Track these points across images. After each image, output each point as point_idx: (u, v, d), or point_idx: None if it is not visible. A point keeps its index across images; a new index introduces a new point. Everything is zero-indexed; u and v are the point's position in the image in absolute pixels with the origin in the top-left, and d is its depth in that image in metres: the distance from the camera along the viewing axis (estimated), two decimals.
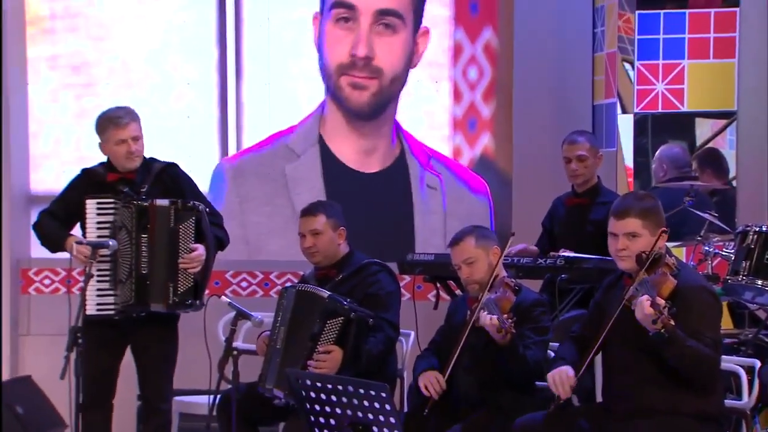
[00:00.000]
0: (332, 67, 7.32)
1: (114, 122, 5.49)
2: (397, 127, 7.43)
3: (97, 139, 5.57)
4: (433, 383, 4.99)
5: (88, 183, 5.57)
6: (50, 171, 7.53)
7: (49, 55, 7.61)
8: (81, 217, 5.49)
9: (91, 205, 5.44)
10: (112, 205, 5.43)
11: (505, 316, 4.79)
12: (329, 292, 5.27)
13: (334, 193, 7.23)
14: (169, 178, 5.59)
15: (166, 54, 7.54)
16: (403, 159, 7.40)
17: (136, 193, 5.45)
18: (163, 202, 5.43)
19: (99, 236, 5.40)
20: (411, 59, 7.35)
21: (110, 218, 5.42)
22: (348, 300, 5.24)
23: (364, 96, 7.33)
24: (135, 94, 7.26)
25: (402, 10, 7.27)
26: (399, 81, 7.35)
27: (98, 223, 5.43)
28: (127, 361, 5.63)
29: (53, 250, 5.61)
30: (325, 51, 7.36)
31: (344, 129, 7.44)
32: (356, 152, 7.45)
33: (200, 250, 5.41)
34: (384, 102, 7.37)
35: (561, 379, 4.58)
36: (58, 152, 7.58)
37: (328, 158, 7.43)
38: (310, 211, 5.57)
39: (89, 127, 5.71)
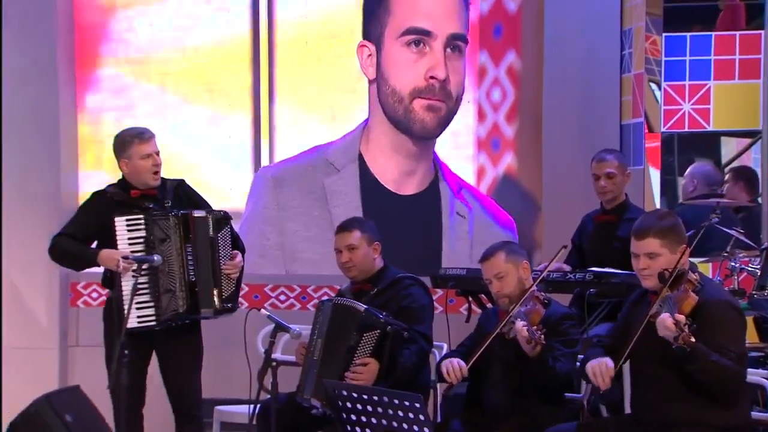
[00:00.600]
0: (405, 90, 7.23)
1: (139, 137, 5.53)
2: (434, 154, 7.43)
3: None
4: (455, 369, 4.99)
5: (106, 203, 5.55)
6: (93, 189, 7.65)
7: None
8: (103, 236, 5.47)
9: (120, 223, 5.43)
10: (142, 221, 5.44)
11: (535, 327, 4.78)
12: (366, 306, 5.27)
13: (370, 210, 7.23)
14: (184, 194, 5.65)
15: (200, 76, 7.63)
16: (437, 185, 7.40)
17: (162, 207, 5.49)
18: (201, 213, 5.49)
19: (132, 251, 5.41)
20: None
21: (142, 233, 5.43)
22: (384, 313, 5.23)
23: (436, 118, 7.29)
24: (169, 119, 7.42)
25: (466, 34, 7.30)
26: (458, 104, 7.33)
27: (129, 239, 5.44)
28: (153, 372, 5.66)
29: (81, 267, 5.66)
30: (393, 75, 7.28)
31: (389, 149, 7.41)
32: (398, 173, 7.43)
33: (239, 256, 5.53)
34: (448, 123, 7.35)
35: (601, 369, 4.54)
36: (101, 171, 7.60)
37: (366, 176, 7.42)
38: (345, 227, 5.58)
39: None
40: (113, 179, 5.76)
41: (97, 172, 7.59)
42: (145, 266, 5.36)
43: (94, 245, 5.53)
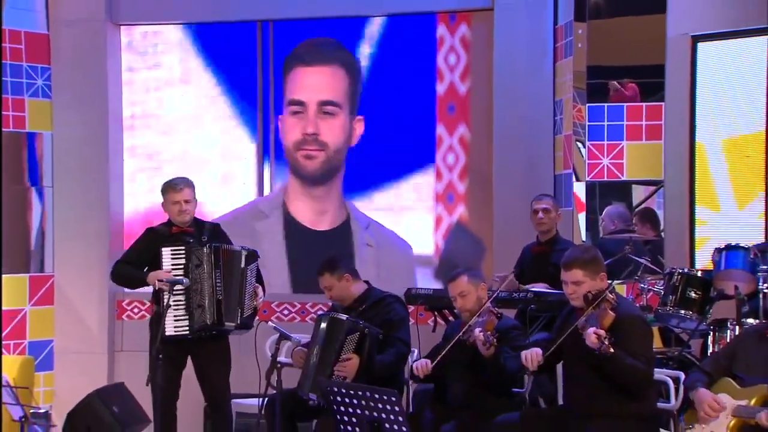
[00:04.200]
0: (290, 145, 7.53)
1: (172, 187, 5.59)
2: (345, 199, 7.57)
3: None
4: (422, 366, 5.01)
5: (154, 237, 5.59)
6: (132, 233, 7.66)
7: (129, 146, 7.78)
8: (154, 263, 5.50)
9: (166, 252, 5.47)
10: (182, 251, 5.46)
11: (489, 333, 4.79)
12: (347, 316, 5.26)
13: (292, 244, 7.52)
14: (218, 234, 5.66)
15: (216, 144, 7.73)
16: (348, 223, 7.53)
17: (199, 241, 5.48)
18: (236, 248, 5.52)
19: (174, 275, 5.42)
20: (350, 138, 7.54)
21: (182, 261, 5.46)
22: (363, 322, 5.22)
23: (315, 163, 7.52)
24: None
25: (338, 100, 7.50)
26: (341, 153, 7.54)
27: (173, 265, 5.47)
28: (188, 374, 5.62)
29: (134, 287, 5.66)
30: (285, 137, 7.57)
31: (300, 193, 7.60)
32: (311, 213, 7.59)
33: (260, 290, 5.55)
34: (331, 169, 7.56)
35: (532, 355, 4.58)
36: (137, 218, 7.71)
37: (288, 218, 7.60)
38: (318, 272, 5.55)
39: (158, 199, 5.78)
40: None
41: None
42: (177, 287, 5.35)
43: (146, 269, 5.55)
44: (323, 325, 5.27)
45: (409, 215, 7.51)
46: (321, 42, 7.59)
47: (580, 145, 6.94)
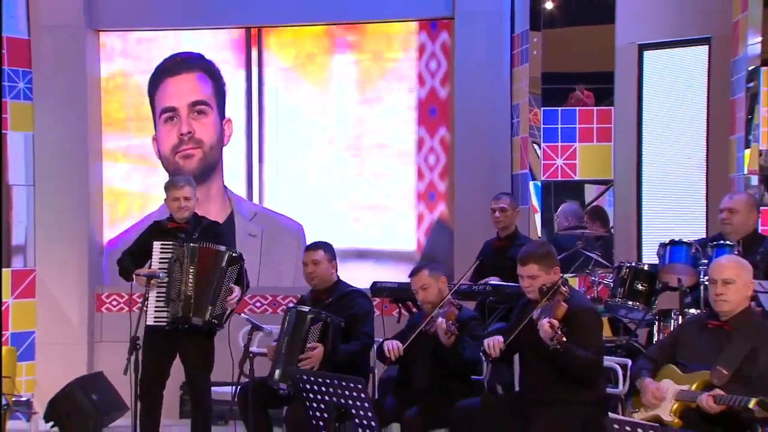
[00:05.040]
0: (168, 152, 7.55)
1: (173, 184, 5.59)
2: (227, 192, 7.56)
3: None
4: (393, 348, 4.97)
5: (156, 231, 5.60)
6: (111, 230, 7.67)
7: (125, 146, 7.73)
8: (151, 254, 5.47)
9: (156, 246, 5.45)
10: (171, 246, 5.42)
11: (450, 323, 4.80)
12: (311, 308, 5.24)
13: None
14: (213, 232, 5.59)
15: None
16: (232, 217, 7.53)
17: (190, 238, 5.44)
18: (221, 247, 5.44)
19: (159, 268, 5.39)
20: (222, 138, 7.59)
21: (168, 255, 5.41)
22: (325, 312, 5.20)
23: (193, 162, 7.55)
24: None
25: (207, 100, 7.57)
26: (216, 150, 7.57)
27: (160, 259, 5.43)
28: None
29: (127, 279, 5.59)
30: (161, 147, 7.60)
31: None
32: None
33: (236, 291, 5.40)
34: (208, 167, 7.58)
35: (494, 342, 4.57)
36: (129, 217, 7.66)
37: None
38: (311, 247, 5.54)
39: (152, 199, 5.73)
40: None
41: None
42: (153, 280, 5.33)
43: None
44: (289, 317, 5.24)
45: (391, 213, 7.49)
46: (184, 55, 7.64)
47: (536, 146, 6.97)
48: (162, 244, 5.43)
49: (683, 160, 7.10)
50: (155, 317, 5.38)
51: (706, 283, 4.80)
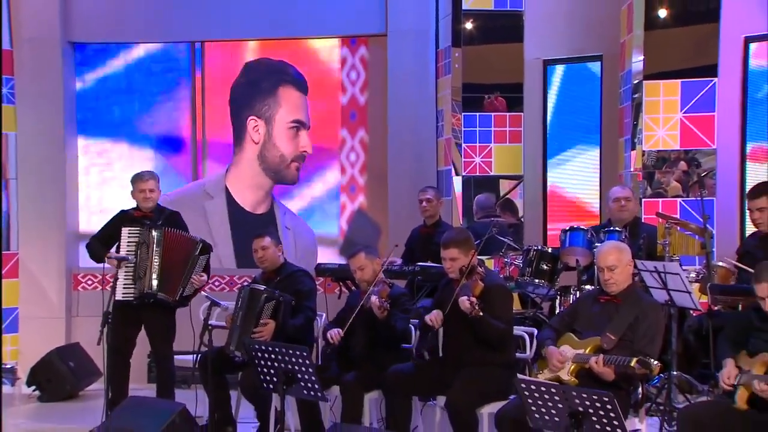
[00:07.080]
0: (289, 157, 7.44)
1: (139, 177, 5.50)
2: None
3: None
4: (334, 335, 4.96)
5: (123, 218, 5.49)
6: (85, 218, 7.55)
7: (84, 145, 7.59)
8: (118, 240, 5.39)
9: (124, 231, 5.37)
10: (137, 232, 5.35)
11: (383, 299, 4.81)
12: (265, 287, 5.20)
13: (236, 223, 7.48)
14: (174, 221, 5.52)
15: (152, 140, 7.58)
16: (273, 210, 7.53)
17: (154, 225, 5.37)
18: (195, 237, 5.40)
19: (127, 252, 5.33)
20: None
21: (135, 239, 5.34)
22: (278, 292, 5.17)
23: (294, 170, 7.52)
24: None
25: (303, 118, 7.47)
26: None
27: (128, 243, 5.35)
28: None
29: (97, 261, 5.49)
30: (282, 147, 7.45)
31: (250, 185, 7.54)
32: (253, 199, 7.55)
33: (205, 277, 5.40)
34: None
35: (437, 317, 4.60)
36: (89, 207, 7.54)
37: (230, 201, 7.56)
38: (260, 234, 5.47)
39: (108, 192, 5.62)
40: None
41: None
42: (122, 261, 5.27)
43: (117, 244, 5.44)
44: (244, 294, 5.20)
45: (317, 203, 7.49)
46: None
47: (457, 146, 7.02)
48: (129, 230, 5.37)
49: (581, 158, 7.24)
50: (123, 293, 5.30)
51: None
